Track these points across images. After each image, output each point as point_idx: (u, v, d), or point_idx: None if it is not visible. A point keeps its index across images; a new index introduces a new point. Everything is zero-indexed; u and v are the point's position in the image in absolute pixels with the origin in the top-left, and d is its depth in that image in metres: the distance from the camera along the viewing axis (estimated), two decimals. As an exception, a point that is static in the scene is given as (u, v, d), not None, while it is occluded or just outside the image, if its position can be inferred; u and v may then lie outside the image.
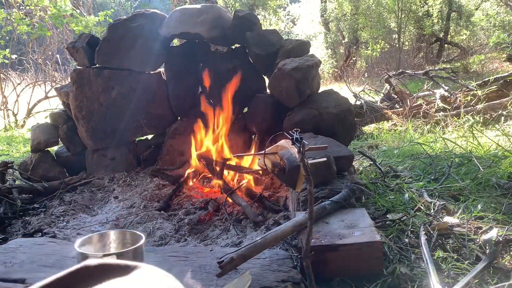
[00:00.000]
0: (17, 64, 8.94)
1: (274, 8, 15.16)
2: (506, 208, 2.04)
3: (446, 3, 12.75)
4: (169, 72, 3.32)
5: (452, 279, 1.49)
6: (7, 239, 2.14)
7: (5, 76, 7.98)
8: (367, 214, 1.81)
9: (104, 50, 3.06)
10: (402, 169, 3.07)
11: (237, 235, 2.07)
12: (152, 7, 3.57)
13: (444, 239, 1.79)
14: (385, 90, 6.22)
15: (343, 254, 1.53)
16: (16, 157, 4.39)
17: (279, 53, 2.96)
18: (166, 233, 2.15)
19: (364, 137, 4.75)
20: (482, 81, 5.58)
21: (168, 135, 3.30)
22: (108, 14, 7.97)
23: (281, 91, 2.78)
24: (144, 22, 3.11)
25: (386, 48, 13.50)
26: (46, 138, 3.16)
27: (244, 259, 1.43)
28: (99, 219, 2.39)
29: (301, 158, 1.39)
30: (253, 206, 2.38)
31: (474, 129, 3.78)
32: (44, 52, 8.70)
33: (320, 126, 2.64)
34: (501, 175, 2.53)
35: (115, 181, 3.03)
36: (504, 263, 1.57)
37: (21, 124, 7.25)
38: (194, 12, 3.03)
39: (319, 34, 15.20)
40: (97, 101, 3.11)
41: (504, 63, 10.00)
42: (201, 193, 2.75)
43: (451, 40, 13.42)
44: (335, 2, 14.24)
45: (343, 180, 2.16)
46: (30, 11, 7.65)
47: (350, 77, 11.30)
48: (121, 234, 1.50)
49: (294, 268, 1.54)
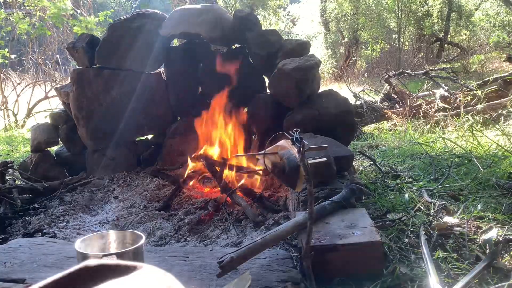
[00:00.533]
0: (17, 64, 8.94)
1: (274, 8, 15.16)
2: (506, 208, 2.04)
3: (446, 3, 12.75)
4: (169, 72, 3.32)
5: (452, 279, 1.49)
6: (7, 239, 2.14)
7: (5, 76, 7.98)
8: (367, 214, 1.81)
9: (104, 50, 3.06)
10: (402, 169, 3.07)
11: (237, 235, 2.07)
12: (152, 7, 3.57)
13: (444, 239, 1.79)
14: (385, 90, 6.22)
15: (343, 254, 1.53)
16: (16, 157, 4.39)
17: (279, 53, 2.96)
18: (166, 233, 2.15)
19: (364, 137, 4.74)
20: (482, 81, 5.58)
21: (168, 135, 3.30)
22: (108, 14, 7.97)
23: (281, 91, 2.78)
24: (144, 22, 3.11)
25: (386, 48, 13.50)
26: (46, 138, 3.16)
27: (244, 259, 1.43)
28: (99, 219, 2.39)
29: (301, 158, 1.39)
30: (253, 206, 2.38)
31: (474, 129, 3.78)
32: (44, 52, 8.70)
33: (320, 126, 2.64)
34: (501, 175, 2.53)
35: (115, 181, 3.03)
36: (504, 263, 1.57)
37: (21, 124, 7.25)
38: (194, 12, 3.03)
39: (319, 34, 15.19)
40: (97, 101, 3.11)
41: (504, 63, 10.00)
42: (201, 193, 2.75)
43: (451, 40, 13.42)
44: (335, 2, 14.23)
45: (343, 180, 2.16)
46: (30, 11, 7.66)
47: (350, 77, 11.30)
48: (121, 234, 1.50)
49: (294, 268, 1.54)
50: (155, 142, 3.40)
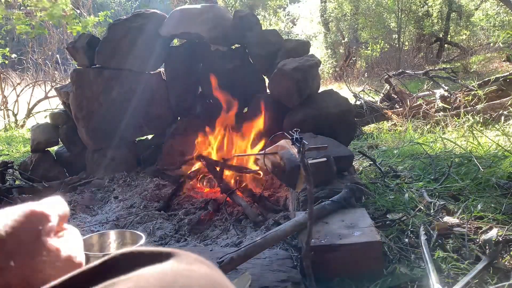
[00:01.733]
0: (16, 64, 8.94)
1: (274, 8, 15.17)
2: (506, 208, 2.04)
3: (446, 3, 12.74)
4: (169, 72, 3.32)
5: (452, 279, 1.49)
6: (7, 239, 2.14)
7: (5, 76, 7.98)
8: (367, 214, 1.81)
9: (104, 50, 3.06)
10: (402, 169, 3.07)
11: (237, 235, 2.07)
12: (152, 7, 3.57)
13: (444, 239, 1.79)
14: (385, 90, 6.22)
15: (343, 254, 1.53)
16: (16, 157, 4.39)
17: (279, 53, 2.96)
18: (166, 233, 2.15)
19: (364, 137, 4.74)
20: (482, 81, 5.57)
21: (168, 135, 3.30)
22: (108, 14, 7.97)
23: (281, 91, 2.78)
24: (144, 22, 3.11)
25: (386, 48, 13.49)
26: (46, 138, 3.16)
27: (244, 259, 1.43)
28: (99, 219, 2.39)
29: (301, 158, 1.39)
30: (253, 206, 2.38)
31: (474, 129, 3.78)
32: (44, 52, 8.70)
33: (320, 126, 2.64)
34: (501, 175, 2.53)
35: (115, 181, 3.03)
36: (504, 263, 1.57)
37: (21, 124, 7.25)
38: (194, 12, 3.03)
39: (319, 34, 15.20)
40: (97, 101, 3.11)
41: (504, 63, 10.00)
42: (201, 193, 2.75)
43: (451, 40, 13.42)
44: (335, 2, 14.23)
45: (343, 180, 2.16)
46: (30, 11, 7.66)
47: (350, 77, 11.31)
48: (121, 234, 1.50)
49: (294, 268, 1.54)
50: (155, 142, 3.40)
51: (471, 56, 11.10)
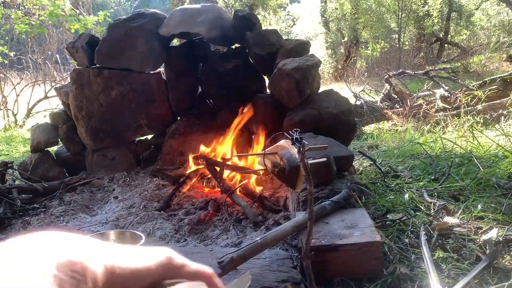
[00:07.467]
0: (16, 63, 8.94)
1: (274, 8, 15.16)
2: (506, 208, 2.04)
3: (446, 3, 12.75)
4: (169, 72, 3.31)
5: (452, 279, 1.49)
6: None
7: (5, 76, 7.98)
8: (367, 214, 1.80)
9: (104, 50, 3.05)
10: (402, 169, 3.07)
11: (237, 235, 2.07)
12: (152, 7, 3.57)
13: (444, 239, 1.79)
14: (385, 90, 6.22)
15: (343, 254, 1.53)
16: (16, 157, 4.39)
17: (279, 53, 2.96)
18: (166, 233, 2.14)
19: (364, 137, 4.75)
20: (482, 81, 5.57)
21: (168, 135, 3.30)
22: (108, 14, 7.97)
23: (281, 91, 2.77)
24: (144, 22, 3.11)
25: (386, 48, 13.50)
26: (46, 138, 3.16)
27: (244, 259, 1.43)
28: (99, 219, 2.39)
29: (301, 158, 1.39)
30: (253, 206, 2.38)
31: (474, 129, 3.78)
32: (43, 51, 8.69)
33: (320, 126, 2.63)
34: (501, 175, 2.53)
35: (115, 181, 3.03)
36: (504, 263, 1.57)
37: (21, 124, 7.25)
38: (194, 12, 3.03)
39: (319, 34, 15.20)
40: (97, 101, 3.10)
41: (504, 63, 10.00)
42: (201, 193, 2.75)
43: (451, 40, 13.43)
44: (335, 2, 14.23)
45: (343, 180, 2.16)
46: (29, 10, 7.66)
47: (350, 77, 11.30)
48: (121, 234, 1.50)
49: (294, 268, 1.54)
50: (155, 142, 3.40)
51: (471, 56, 11.10)
